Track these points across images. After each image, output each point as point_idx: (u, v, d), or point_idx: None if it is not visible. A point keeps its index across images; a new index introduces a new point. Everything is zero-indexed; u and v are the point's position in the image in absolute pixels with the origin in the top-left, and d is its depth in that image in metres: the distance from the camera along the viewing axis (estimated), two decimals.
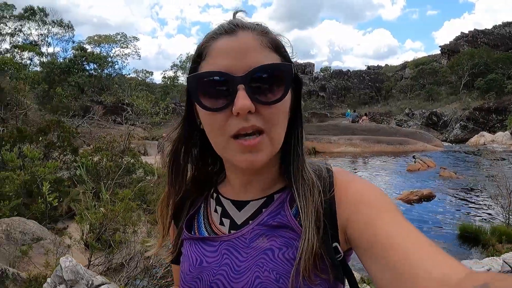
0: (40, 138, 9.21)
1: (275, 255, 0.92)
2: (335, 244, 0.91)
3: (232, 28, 0.92)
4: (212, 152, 1.05)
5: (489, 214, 10.08)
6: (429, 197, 11.71)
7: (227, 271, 0.96)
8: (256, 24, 0.96)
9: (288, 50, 0.98)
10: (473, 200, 11.70)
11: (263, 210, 1.01)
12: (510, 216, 8.72)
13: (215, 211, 1.09)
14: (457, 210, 10.66)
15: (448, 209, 10.69)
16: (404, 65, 67.80)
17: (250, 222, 1.00)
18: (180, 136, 1.09)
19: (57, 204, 6.96)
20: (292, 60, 0.98)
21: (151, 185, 8.64)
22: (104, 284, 3.31)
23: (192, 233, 1.10)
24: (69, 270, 3.23)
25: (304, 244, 0.88)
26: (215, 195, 1.13)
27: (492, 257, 5.69)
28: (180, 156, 1.11)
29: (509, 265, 5.26)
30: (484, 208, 10.71)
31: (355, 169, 18.16)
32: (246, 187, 1.05)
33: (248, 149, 0.88)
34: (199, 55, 0.95)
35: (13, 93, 21.01)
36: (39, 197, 7.19)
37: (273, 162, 1.02)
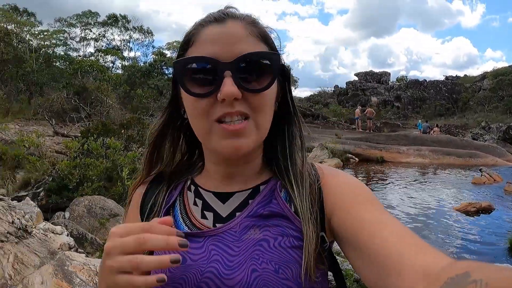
0: (122, 131, 10.41)
1: (271, 245, 0.90)
2: (321, 233, 0.93)
3: (221, 17, 0.93)
4: (190, 143, 1.11)
5: None
6: (487, 210, 11.54)
7: (217, 268, 0.91)
8: (246, 15, 0.96)
9: (276, 42, 0.99)
10: None
11: (250, 201, 0.99)
12: None
13: (195, 204, 1.05)
14: None
15: (505, 223, 10.55)
16: (483, 76, 64.66)
17: (237, 214, 0.98)
18: (163, 122, 1.09)
19: None
20: (280, 52, 0.98)
21: None
22: None
23: None
24: None
25: (307, 238, 0.88)
26: (192, 187, 1.08)
27: None
28: (161, 142, 1.11)
29: None
30: None
31: (415, 180, 18.07)
32: (229, 178, 1.03)
33: (232, 134, 0.88)
34: (187, 42, 0.96)
35: (97, 93, 22.78)
36: (118, 181, 8.32)
37: (258, 153, 1.03)
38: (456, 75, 72.70)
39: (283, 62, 0.99)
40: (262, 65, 0.89)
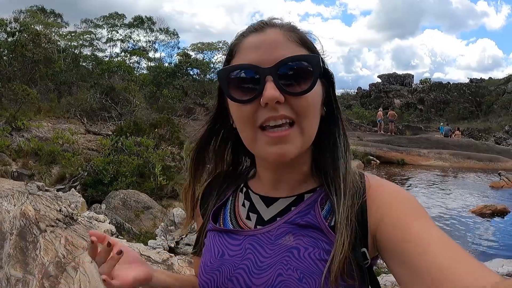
0: (156, 130, 10.96)
1: (301, 254, 0.91)
2: (363, 249, 0.91)
3: (260, 26, 0.96)
4: (245, 148, 1.09)
5: None
6: (503, 212, 11.77)
7: (249, 266, 0.96)
8: (285, 23, 0.98)
9: (318, 46, 1.00)
10: None
11: (292, 208, 1.00)
12: None
13: (243, 205, 1.10)
14: None
15: None
16: (508, 79, 63.24)
17: (278, 219, 1.00)
18: (207, 131, 1.14)
19: (165, 183, 8.60)
20: (322, 56, 0.99)
21: None
22: None
23: (217, 224, 1.10)
24: (179, 216, 4.62)
25: (338, 246, 0.87)
26: (244, 189, 1.13)
27: None
28: (204, 150, 1.16)
29: None
30: None
31: (434, 182, 18.22)
32: (276, 184, 1.05)
33: (276, 141, 0.89)
34: (230, 53, 1.00)
35: (125, 93, 23.33)
36: (150, 177, 8.87)
37: (304, 160, 1.03)
38: (481, 78, 71.06)
39: (326, 66, 1.00)
40: (302, 68, 0.90)
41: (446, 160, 23.55)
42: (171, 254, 3.94)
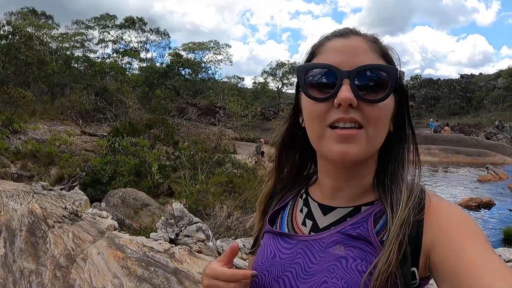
0: (152, 131, 11.27)
1: (348, 265, 0.92)
2: (413, 268, 0.89)
3: (345, 32, 0.98)
4: (307, 155, 1.15)
5: None
6: (488, 205, 12.19)
7: (296, 270, 0.98)
8: (369, 33, 1.00)
9: (396, 61, 1.00)
10: None
11: (348, 219, 1.00)
12: None
13: (301, 211, 1.11)
14: (510, 218, 11.11)
15: (503, 217, 11.20)
16: (498, 74, 63.36)
17: (332, 228, 1.00)
18: (288, 128, 1.13)
19: (161, 181, 8.94)
20: (399, 70, 0.98)
21: (238, 175, 10.39)
22: (199, 222, 5.00)
23: (274, 227, 1.12)
24: (178, 210, 4.94)
25: (382, 259, 0.86)
26: (304, 195, 1.14)
27: (506, 248, 6.32)
28: (286, 148, 1.16)
29: None
30: None
31: (423, 176, 18.56)
32: (336, 192, 1.04)
33: (343, 139, 0.89)
34: (312, 53, 1.02)
35: (118, 94, 23.58)
36: (147, 176, 9.21)
37: (367, 171, 1.02)
38: (472, 73, 71.05)
39: (401, 80, 0.99)
40: (379, 77, 0.91)
41: (435, 155, 24.05)
42: (172, 245, 4.25)
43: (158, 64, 44.43)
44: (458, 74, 73.39)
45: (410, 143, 1.01)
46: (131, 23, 45.82)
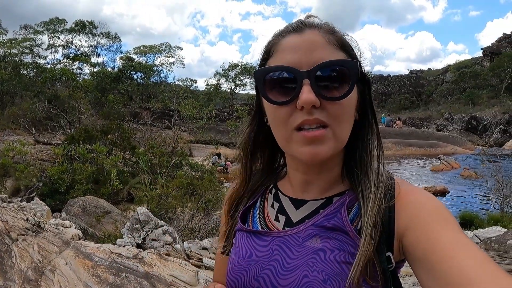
0: (108, 137, 11.14)
1: (326, 257, 0.92)
2: (388, 253, 0.90)
3: (299, 26, 0.94)
4: (276, 149, 1.12)
5: (491, 205, 11.17)
6: (442, 193, 12.71)
7: (275, 267, 0.97)
8: (324, 23, 0.96)
9: (356, 50, 0.98)
10: (481, 195, 12.64)
11: (321, 211, 1.00)
12: (504, 206, 9.86)
13: (272, 206, 1.10)
14: (464, 203, 11.68)
15: (458, 203, 11.73)
16: (446, 69, 65.68)
17: (306, 221, 1.00)
18: (252, 131, 1.11)
19: (121, 188, 8.88)
20: (359, 60, 0.97)
21: (197, 177, 10.40)
22: (164, 226, 5.02)
23: (246, 225, 1.11)
24: (143, 214, 4.96)
25: (362, 249, 0.87)
26: (274, 190, 1.14)
27: (464, 231, 6.69)
28: (253, 152, 1.14)
29: (478, 238, 6.17)
30: (487, 200, 11.81)
31: None
32: (306, 186, 1.04)
33: (310, 140, 0.89)
34: (267, 52, 0.98)
35: (69, 100, 23.11)
36: (106, 183, 9.12)
37: (335, 163, 1.02)
38: (420, 69, 73.28)
39: (363, 69, 0.97)
40: (340, 73, 0.89)
41: (389, 149, 24.49)
42: (140, 250, 4.26)
43: (109, 69, 43.89)
44: (408, 70, 75.76)
45: (374, 130, 1.01)
46: (81, 27, 44.99)
